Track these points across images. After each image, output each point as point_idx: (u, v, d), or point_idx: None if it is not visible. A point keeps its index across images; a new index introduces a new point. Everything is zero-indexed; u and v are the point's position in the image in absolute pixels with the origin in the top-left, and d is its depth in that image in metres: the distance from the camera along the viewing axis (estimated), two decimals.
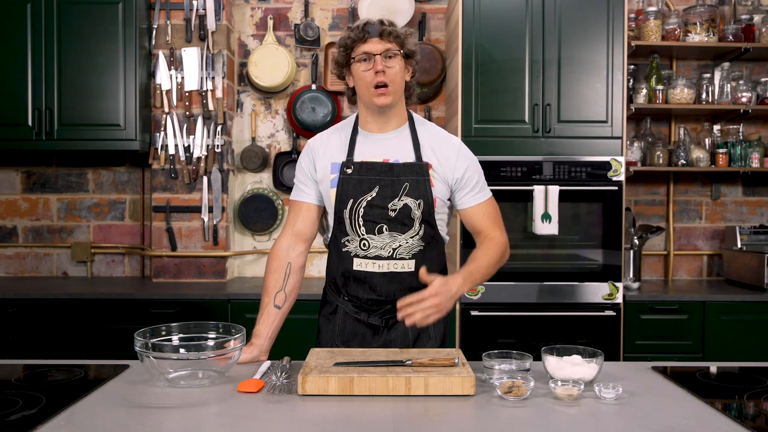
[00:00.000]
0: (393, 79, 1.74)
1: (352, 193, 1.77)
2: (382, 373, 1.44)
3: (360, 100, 1.82)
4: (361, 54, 1.73)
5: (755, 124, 3.71)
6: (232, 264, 3.59)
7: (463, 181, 1.82)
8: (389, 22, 1.77)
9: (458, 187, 1.82)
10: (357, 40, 1.74)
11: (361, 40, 1.74)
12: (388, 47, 1.74)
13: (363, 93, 1.78)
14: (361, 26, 1.74)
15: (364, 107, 1.83)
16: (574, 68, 3.09)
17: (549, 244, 3.12)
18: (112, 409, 1.34)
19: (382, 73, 1.72)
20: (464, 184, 1.82)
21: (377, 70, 1.72)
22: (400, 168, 1.77)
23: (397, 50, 1.75)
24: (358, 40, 1.74)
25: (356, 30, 1.75)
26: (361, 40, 1.73)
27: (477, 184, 1.84)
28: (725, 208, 3.75)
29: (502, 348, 2.00)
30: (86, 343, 3.02)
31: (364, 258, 1.78)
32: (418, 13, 3.62)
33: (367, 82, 1.74)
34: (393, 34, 1.75)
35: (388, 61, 1.74)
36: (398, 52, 1.75)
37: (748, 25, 3.40)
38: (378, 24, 1.74)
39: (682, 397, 1.44)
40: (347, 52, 1.76)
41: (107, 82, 3.25)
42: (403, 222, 1.77)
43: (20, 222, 3.68)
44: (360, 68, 1.74)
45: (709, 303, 3.12)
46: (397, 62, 1.75)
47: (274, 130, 3.69)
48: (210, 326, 1.65)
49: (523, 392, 1.39)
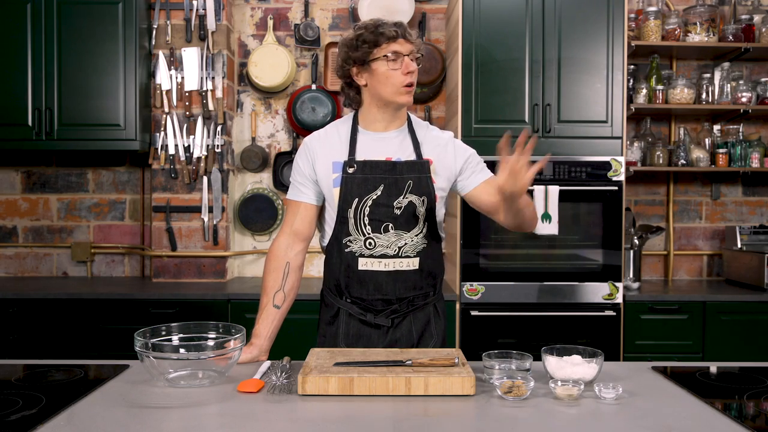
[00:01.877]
0: (415, 80, 1.80)
1: (356, 192, 1.77)
2: (382, 373, 1.44)
3: (372, 98, 1.81)
4: (391, 53, 1.74)
5: (755, 124, 3.71)
6: (232, 264, 3.59)
7: (466, 165, 1.85)
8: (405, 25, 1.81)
9: (462, 174, 1.85)
10: (388, 38, 1.74)
11: (391, 39, 1.75)
12: (413, 48, 1.78)
13: (387, 91, 1.77)
14: (390, 24, 1.76)
15: (375, 105, 1.82)
16: (574, 68, 3.09)
17: (549, 244, 3.12)
18: (112, 409, 1.34)
19: (411, 74, 1.76)
20: (466, 167, 1.85)
21: (409, 70, 1.75)
22: (402, 166, 1.78)
23: (418, 53, 1.80)
24: (389, 39, 1.74)
25: (384, 27, 1.75)
26: (392, 39, 1.75)
27: (479, 164, 1.87)
28: (725, 208, 3.75)
29: (502, 348, 2.01)
30: (86, 343, 3.02)
31: (369, 257, 1.78)
32: (418, 13, 3.62)
33: (396, 81, 1.75)
34: (414, 37, 1.80)
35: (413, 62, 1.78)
36: (419, 55, 1.80)
37: (748, 25, 3.40)
38: (401, 26, 1.78)
39: (682, 397, 1.44)
40: (371, 49, 1.75)
41: (107, 82, 3.25)
42: (408, 220, 1.78)
43: (20, 222, 3.68)
44: (388, 66, 1.75)
45: (709, 303, 3.12)
46: (417, 64, 1.80)
47: (274, 130, 3.69)
48: (210, 326, 1.65)
49: (523, 392, 1.39)
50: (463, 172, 1.85)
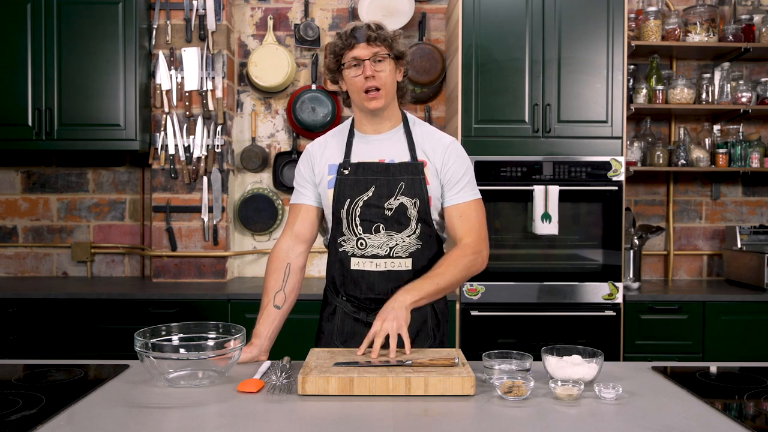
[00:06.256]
0: (383, 82, 1.76)
1: (348, 193, 1.79)
2: (382, 373, 1.44)
3: (353, 103, 1.85)
4: (350, 60, 1.75)
5: (755, 124, 3.71)
6: (232, 264, 3.59)
7: (447, 176, 1.81)
8: (376, 25, 1.77)
9: (444, 184, 1.82)
10: (345, 46, 1.76)
11: (348, 47, 1.75)
12: (376, 51, 1.75)
13: (355, 97, 1.81)
14: (349, 32, 1.76)
15: (357, 110, 1.86)
16: (574, 68, 3.09)
17: (549, 244, 3.12)
18: (112, 409, 1.34)
19: (371, 78, 1.74)
20: (448, 180, 1.81)
21: (366, 75, 1.74)
22: (395, 168, 1.80)
23: (385, 53, 1.76)
24: (346, 47, 1.76)
25: (344, 36, 1.76)
26: (349, 47, 1.75)
27: (460, 183, 1.81)
28: (725, 208, 3.75)
29: (502, 348, 2.01)
30: (86, 343, 3.02)
31: (361, 257, 1.80)
32: (418, 13, 3.61)
33: (358, 87, 1.76)
34: (380, 38, 1.75)
35: (377, 65, 1.75)
36: (387, 55, 1.76)
37: (748, 25, 3.40)
38: (365, 29, 1.75)
39: (682, 397, 1.44)
40: (337, 58, 1.78)
41: (107, 82, 3.25)
42: (400, 221, 1.78)
43: (20, 222, 3.68)
44: (350, 74, 1.77)
45: (709, 303, 3.12)
46: (387, 65, 1.77)
47: (274, 130, 3.69)
48: (210, 326, 1.65)
49: (523, 392, 1.39)
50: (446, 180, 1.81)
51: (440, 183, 1.82)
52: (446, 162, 1.81)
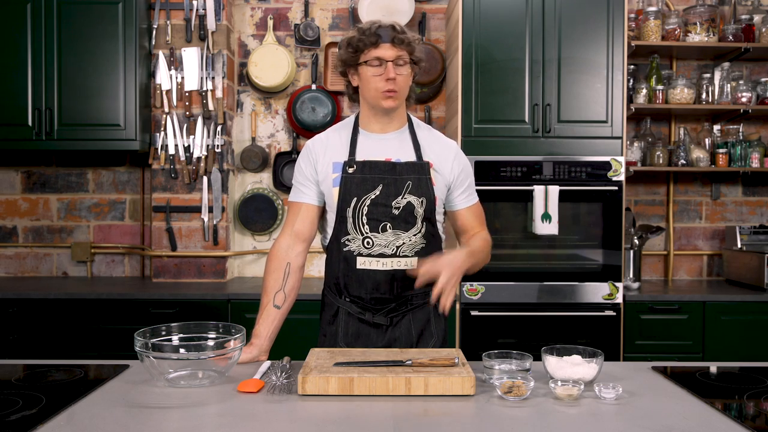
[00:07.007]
0: (402, 85, 1.78)
1: (355, 192, 1.78)
2: (382, 373, 1.44)
3: (364, 100, 1.84)
4: (372, 58, 1.75)
5: (755, 124, 3.71)
6: (232, 264, 3.59)
7: (458, 182, 1.88)
8: (401, 28, 1.78)
9: (452, 188, 1.88)
10: (369, 44, 1.74)
11: (373, 45, 1.74)
12: (400, 54, 1.76)
13: (370, 95, 1.79)
14: (373, 30, 1.75)
15: (367, 108, 1.85)
16: (574, 68, 3.09)
17: (549, 244, 3.12)
18: (112, 409, 1.34)
19: (392, 80, 1.75)
20: (458, 185, 1.88)
21: (389, 77, 1.74)
22: (402, 167, 1.79)
23: (407, 58, 1.77)
24: (369, 44, 1.74)
25: (367, 33, 1.75)
26: (374, 45, 1.74)
27: (469, 187, 1.92)
28: (725, 208, 3.75)
29: (502, 348, 2.01)
30: (86, 343, 3.02)
31: (367, 256, 1.79)
32: (418, 13, 3.61)
33: (377, 86, 1.76)
34: (405, 42, 1.76)
35: (398, 68, 1.76)
36: (408, 60, 1.78)
37: (748, 25, 3.40)
38: (390, 30, 1.75)
39: (682, 397, 1.44)
40: (357, 53, 1.77)
41: (107, 82, 3.25)
42: (407, 220, 1.79)
43: (20, 222, 3.68)
44: (370, 72, 1.76)
45: (709, 303, 3.12)
46: (406, 69, 1.78)
47: (274, 130, 3.69)
48: (210, 326, 1.65)
49: (523, 392, 1.39)
50: (455, 185, 1.88)
51: (447, 185, 1.86)
52: (456, 166, 1.87)
